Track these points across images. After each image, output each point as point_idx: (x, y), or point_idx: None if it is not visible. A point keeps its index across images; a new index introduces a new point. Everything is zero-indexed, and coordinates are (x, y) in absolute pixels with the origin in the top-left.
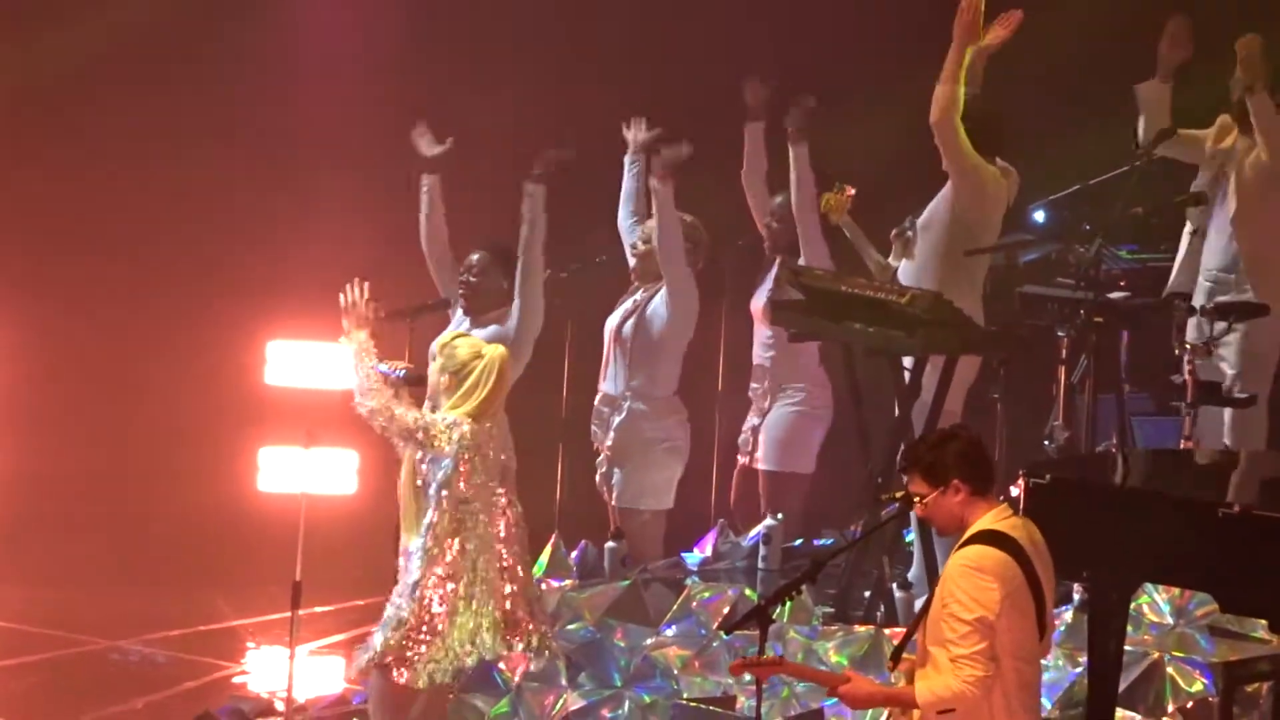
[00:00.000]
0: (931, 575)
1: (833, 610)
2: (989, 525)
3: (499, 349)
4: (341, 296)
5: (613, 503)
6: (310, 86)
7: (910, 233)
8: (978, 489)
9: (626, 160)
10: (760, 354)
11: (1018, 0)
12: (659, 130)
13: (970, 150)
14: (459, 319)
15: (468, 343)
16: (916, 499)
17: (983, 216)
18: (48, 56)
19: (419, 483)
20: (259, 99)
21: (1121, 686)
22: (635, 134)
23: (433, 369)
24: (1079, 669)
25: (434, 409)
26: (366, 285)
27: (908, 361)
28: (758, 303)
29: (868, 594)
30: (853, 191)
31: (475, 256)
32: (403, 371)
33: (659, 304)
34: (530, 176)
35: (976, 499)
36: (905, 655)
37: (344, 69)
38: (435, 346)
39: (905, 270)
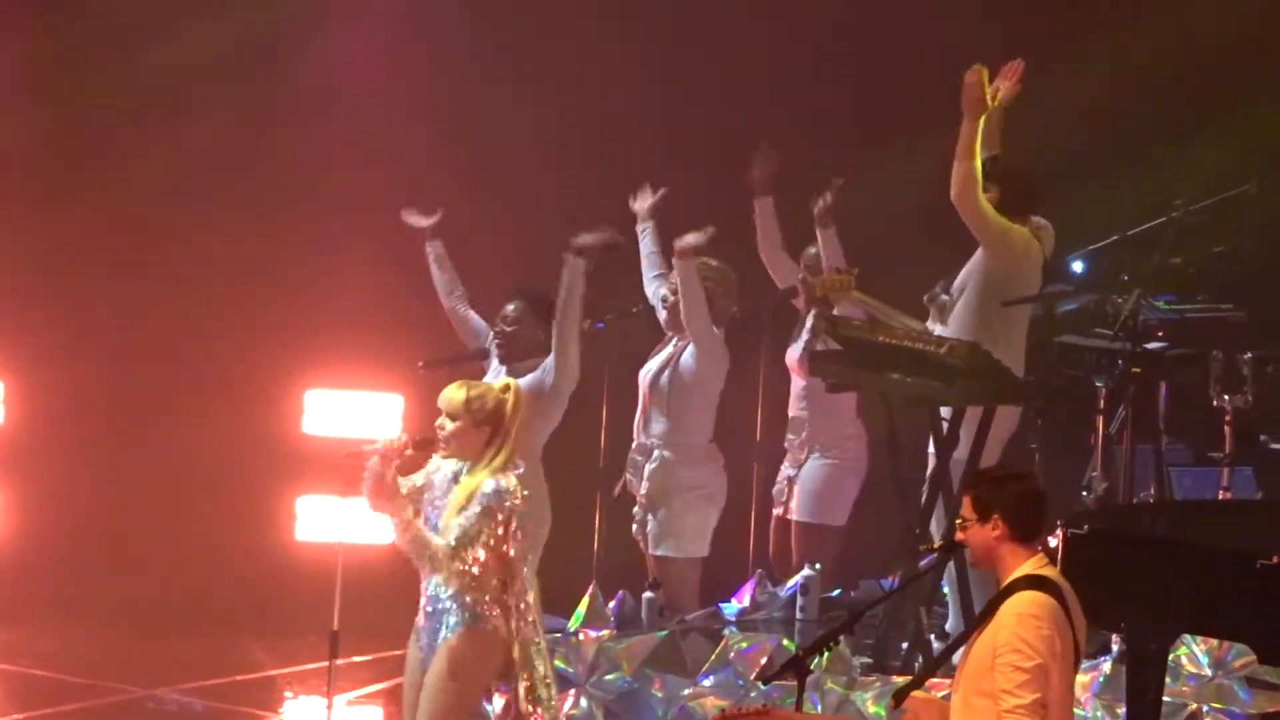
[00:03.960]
0: (968, 622)
1: (871, 660)
2: (1032, 571)
3: (512, 380)
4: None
5: (647, 550)
6: (347, 133)
7: (944, 296)
8: (1017, 535)
9: (638, 229)
10: (796, 406)
11: (1025, 49)
12: (664, 191)
13: (995, 219)
14: (495, 368)
15: (481, 386)
16: (959, 520)
17: (1016, 277)
18: (82, 104)
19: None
20: (296, 148)
21: None
22: (641, 203)
23: (459, 426)
24: None
25: (470, 462)
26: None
27: (946, 412)
28: (793, 354)
29: (905, 645)
30: (856, 271)
31: (511, 306)
32: (404, 440)
33: (691, 355)
34: (573, 249)
35: (1015, 544)
36: (915, 694)
37: (378, 116)
38: (455, 404)
39: (942, 333)
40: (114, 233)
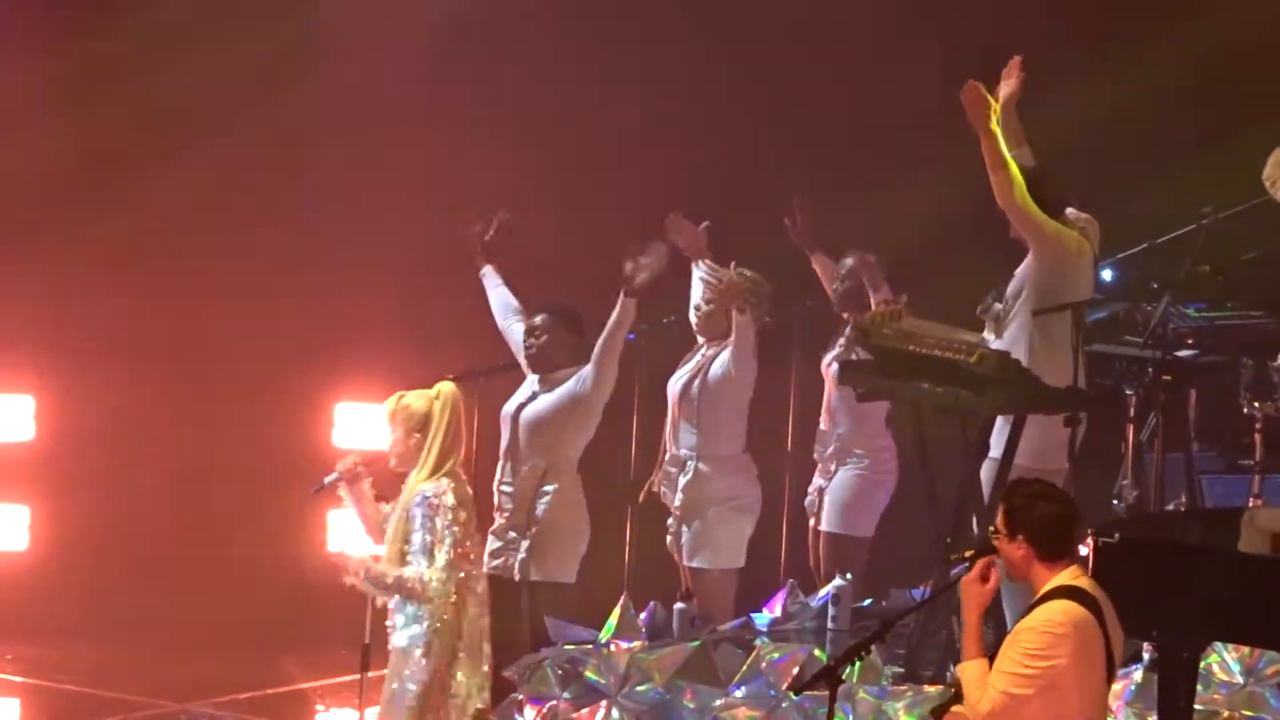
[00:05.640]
0: (1002, 633)
1: (902, 670)
2: (1067, 582)
3: (448, 384)
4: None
5: (682, 562)
6: (376, 148)
7: (996, 305)
8: (1043, 555)
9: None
10: (827, 417)
11: (1055, 55)
12: (707, 225)
13: (1047, 221)
14: (530, 381)
15: (414, 394)
16: (991, 529)
17: (1070, 280)
18: (112, 121)
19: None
20: (325, 162)
21: None
22: (685, 242)
23: (393, 436)
24: None
25: (405, 472)
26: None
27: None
28: (828, 362)
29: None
30: (904, 299)
31: (539, 319)
32: (353, 460)
33: (720, 363)
34: (626, 289)
35: (1042, 562)
36: (954, 710)
37: (408, 131)
38: (387, 413)
39: (998, 344)
40: (144, 249)
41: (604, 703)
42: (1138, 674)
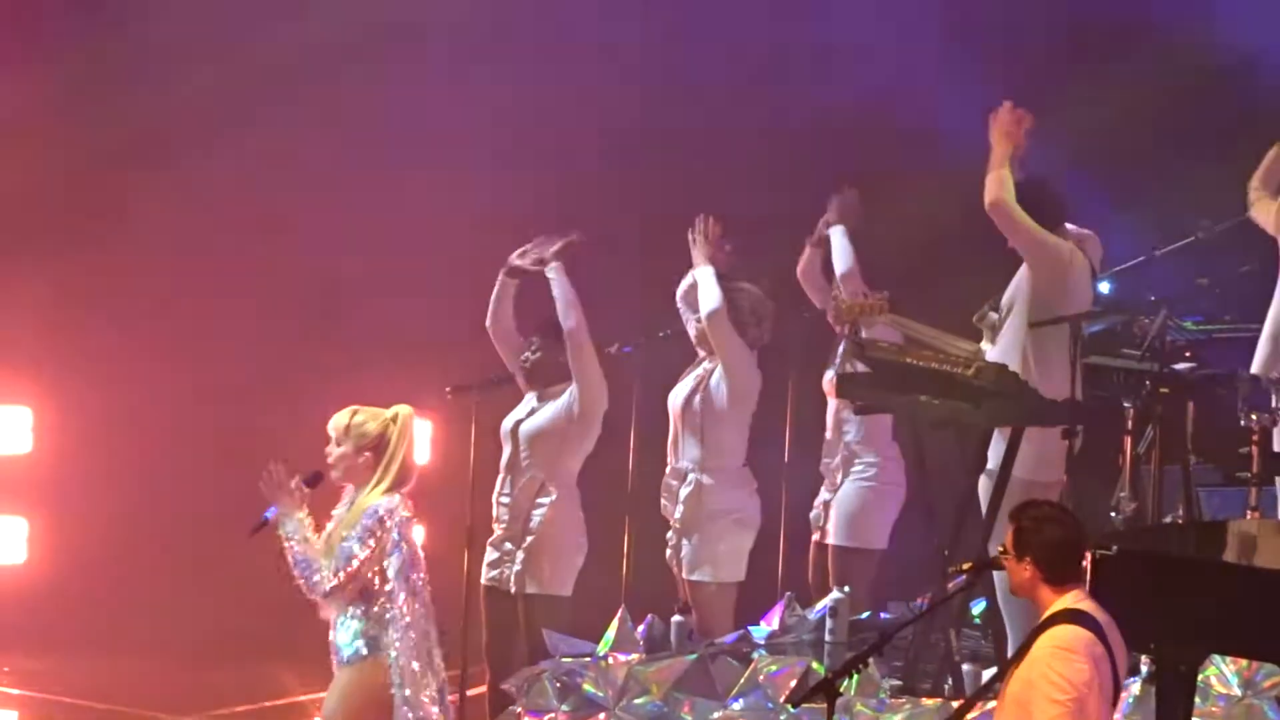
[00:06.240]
0: (1000, 645)
1: (900, 683)
2: (1070, 605)
3: (406, 408)
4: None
5: (682, 575)
6: (374, 155)
7: (993, 314)
8: (1049, 579)
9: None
10: (833, 429)
11: (1053, 64)
12: (721, 230)
13: (1032, 225)
14: (530, 395)
15: (369, 412)
16: (1001, 549)
17: (1062, 289)
18: (111, 136)
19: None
20: (324, 170)
21: None
22: (700, 247)
23: (342, 451)
24: None
25: (357, 486)
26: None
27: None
28: (829, 378)
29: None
30: (886, 295)
31: (536, 335)
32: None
33: (721, 376)
34: (545, 264)
35: (1048, 585)
36: None
37: (408, 137)
38: (339, 429)
39: (993, 353)
40: (143, 261)
41: (602, 715)
42: (1135, 686)
